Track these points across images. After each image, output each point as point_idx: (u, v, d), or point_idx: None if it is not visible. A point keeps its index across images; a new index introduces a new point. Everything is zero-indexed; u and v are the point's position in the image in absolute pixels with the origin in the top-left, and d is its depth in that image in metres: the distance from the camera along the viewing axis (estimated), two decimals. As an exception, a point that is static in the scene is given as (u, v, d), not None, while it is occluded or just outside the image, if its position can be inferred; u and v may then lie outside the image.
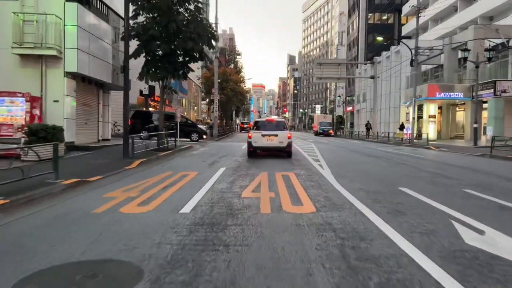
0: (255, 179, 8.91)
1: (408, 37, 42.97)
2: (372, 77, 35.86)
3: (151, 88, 29.17)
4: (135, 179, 8.91)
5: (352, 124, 57.44)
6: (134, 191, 7.34)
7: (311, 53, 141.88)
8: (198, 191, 7.32)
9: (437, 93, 31.02)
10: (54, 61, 13.48)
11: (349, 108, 60.79)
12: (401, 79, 37.22)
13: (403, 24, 57.87)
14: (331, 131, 48.99)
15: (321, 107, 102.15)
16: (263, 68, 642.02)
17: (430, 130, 30.91)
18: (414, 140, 27.85)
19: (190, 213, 5.56)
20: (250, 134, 14.79)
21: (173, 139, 18.60)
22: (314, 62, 36.53)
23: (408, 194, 7.25)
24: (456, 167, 12.40)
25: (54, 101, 13.52)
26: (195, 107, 57.65)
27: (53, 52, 13.07)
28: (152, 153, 14.38)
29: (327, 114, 60.80)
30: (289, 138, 14.65)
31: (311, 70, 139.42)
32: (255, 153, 15.44)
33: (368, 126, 44.25)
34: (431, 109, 32.08)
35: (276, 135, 14.47)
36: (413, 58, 27.13)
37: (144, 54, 15.58)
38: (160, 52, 15.65)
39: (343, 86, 68.77)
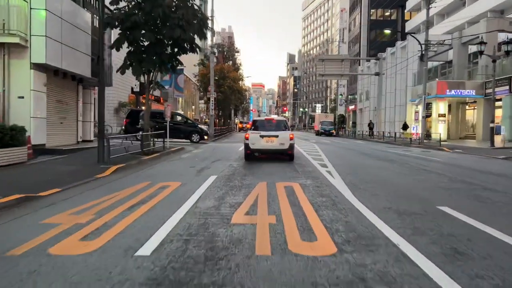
0: (251, 193, 7.09)
1: (412, 33, 41.13)
2: (377, 74, 34.03)
3: (143, 85, 27.29)
4: (100, 193, 7.07)
5: (354, 123, 55.60)
6: (88, 213, 5.49)
7: (311, 51, 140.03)
8: (174, 214, 5.49)
9: (447, 90, 29.19)
10: (19, 51, 11.62)
11: (351, 107, 58.93)
12: (408, 76, 35.39)
13: (407, 20, 56.02)
14: (333, 130, 47.22)
15: (322, 106, 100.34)
16: (263, 68, 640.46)
17: (440, 130, 29.08)
18: (424, 141, 26.01)
19: (151, 257, 3.72)
20: (247, 135, 13.11)
21: (163, 139, 16.77)
22: (316, 59, 34.48)
23: (455, 218, 5.42)
24: (490, 175, 10.57)
25: (19, 97, 11.66)
26: (193, 106, 55.80)
27: (16, 40, 11.20)
28: (134, 157, 12.56)
29: (328, 113, 58.96)
30: (291, 139, 13.06)
31: (311, 69, 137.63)
32: (253, 156, 13.72)
33: (371, 126, 42.53)
34: (440, 107, 30.27)
35: (277, 136, 12.88)
36: (423, 52, 25.29)
37: (127, 44, 13.71)
38: (145, 42, 13.80)
39: (345, 84, 66.94)
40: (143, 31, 13.15)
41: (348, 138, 40.74)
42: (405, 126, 35.10)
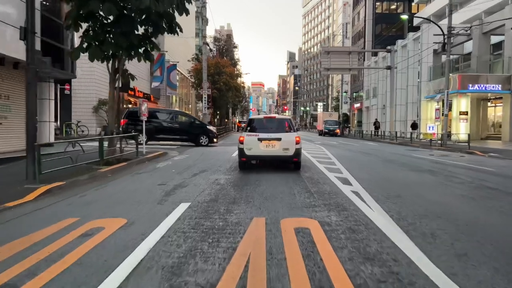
0: (237, 251, 3.88)
1: (419, 27, 37.82)
2: (389, 68, 30.80)
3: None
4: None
5: (360, 122, 52.37)
6: None
7: (312, 49, 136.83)
8: None
9: (469, 85, 25.94)
10: None
11: (357, 105, 55.63)
12: (422, 70, 32.11)
13: (414, 13, 52.73)
14: (337, 130, 44.03)
15: (323, 105, 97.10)
16: (263, 67, 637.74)
17: (462, 130, 25.85)
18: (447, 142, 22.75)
19: None
20: (242, 137, 10.34)
21: (136, 144, 13.54)
22: (320, 51, 31.12)
23: None
24: None
25: None
26: (189, 105, 52.44)
27: None
28: (89, 169, 9.33)
29: (332, 112, 55.69)
30: (297, 143, 10.31)
31: (311, 67, 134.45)
32: (249, 164, 11.13)
33: (377, 125, 39.68)
34: (462, 104, 27.01)
35: (279, 139, 10.13)
36: (445, 41, 22.04)
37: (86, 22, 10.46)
38: (109, 20, 10.58)
39: (348, 81, 63.64)
40: (102, 3, 9.87)
41: (355, 139, 37.50)
42: (414, 125, 32.05)
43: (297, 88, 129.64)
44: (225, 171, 10.58)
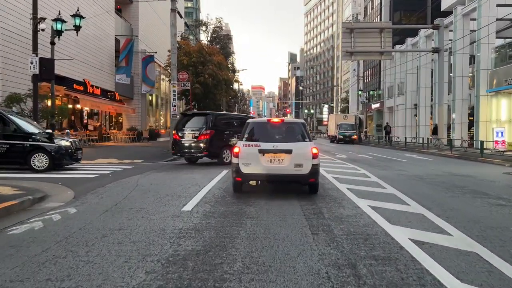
0: None
1: (448, 12, 29.33)
2: (436, 51, 22.30)
3: (46, 63, 15.41)
4: None
5: (379, 126, 43.63)
6: None
7: (315, 49, 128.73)
8: None
9: None
10: None
11: (375, 106, 46.88)
12: (481, 55, 23.43)
13: (439, -2, 44.25)
14: (354, 136, 35.45)
15: (329, 107, 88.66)
16: (263, 70, 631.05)
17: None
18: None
19: None
20: (236, 149, 7.28)
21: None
22: (342, 29, 22.65)
23: None
24: None
25: None
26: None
27: None
28: None
29: (347, 114, 46.89)
30: (314, 156, 7.03)
31: (313, 69, 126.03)
32: (246, 186, 7.94)
33: (388, 129, 34.30)
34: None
35: (289, 152, 7.00)
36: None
37: None
38: None
39: (360, 77, 54.99)
40: None
41: (380, 147, 28.86)
42: (435, 131, 25.15)
43: (301, 88, 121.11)
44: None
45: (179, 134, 13.11)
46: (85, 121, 25.57)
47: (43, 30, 15.24)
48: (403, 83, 36.34)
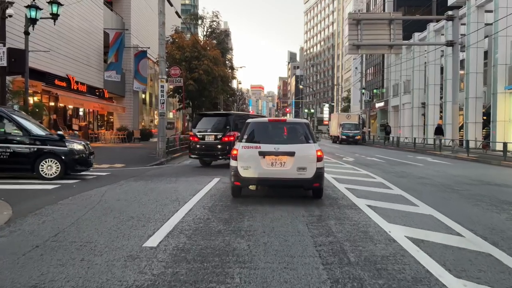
0: None
1: (456, 7, 27.49)
2: (451, 44, 20.51)
3: (16, 54, 13.58)
4: None
5: (384, 126, 41.74)
6: None
7: (314, 47, 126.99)
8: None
9: None
10: None
11: (379, 105, 45.05)
12: (499, 48, 21.61)
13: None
14: (358, 136, 33.65)
15: (329, 106, 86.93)
16: (262, 70, 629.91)
17: None
18: None
19: None
20: (235, 151, 6.89)
21: None
22: (348, 21, 20.81)
23: None
24: None
25: None
26: (171, 106, 41.67)
27: None
28: None
29: (350, 113, 44.92)
30: (318, 159, 6.63)
31: (314, 66, 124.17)
32: (246, 190, 7.36)
33: (388, 129, 33.79)
34: None
35: (291, 154, 6.58)
36: None
37: None
38: None
39: (363, 74, 53.16)
40: None
41: (386, 148, 27.09)
42: (439, 130, 24.24)
43: (301, 86, 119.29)
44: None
45: (198, 136, 12.45)
46: (73, 120, 23.75)
47: (10, 16, 13.39)
48: (409, 81, 34.54)
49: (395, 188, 8.49)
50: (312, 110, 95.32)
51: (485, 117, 24.15)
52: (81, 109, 25.04)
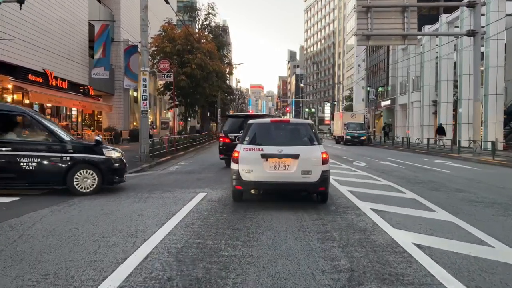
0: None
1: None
2: (472, 34, 18.37)
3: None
4: None
5: (389, 125, 39.58)
6: None
7: (315, 46, 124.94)
8: None
9: None
10: None
11: (385, 103, 42.87)
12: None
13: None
14: (364, 137, 31.56)
15: (331, 105, 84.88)
16: (261, 70, 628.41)
17: None
18: None
19: None
20: (236, 153, 6.66)
21: None
22: (356, 9, 18.69)
23: None
24: None
25: None
26: (161, 102, 39.42)
27: None
28: None
29: (355, 112, 42.57)
30: (324, 161, 6.42)
31: (315, 65, 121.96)
32: (248, 194, 7.29)
33: (386, 129, 33.77)
34: None
35: (296, 157, 6.39)
36: None
37: None
38: None
39: (368, 71, 51.04)
40: None
41: (395, 150, 24.95)
42: (441, 130, 24.23)
43: (301, 85, 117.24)
44: None
45: (231, 137, 12.55)
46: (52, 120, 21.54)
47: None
48: (418, 77, 32.37)
49: (438, 209, 6.35)
50: (313, 109, 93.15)
51: (505, 116, 22.01)
52: (63, 108, 22.88)
